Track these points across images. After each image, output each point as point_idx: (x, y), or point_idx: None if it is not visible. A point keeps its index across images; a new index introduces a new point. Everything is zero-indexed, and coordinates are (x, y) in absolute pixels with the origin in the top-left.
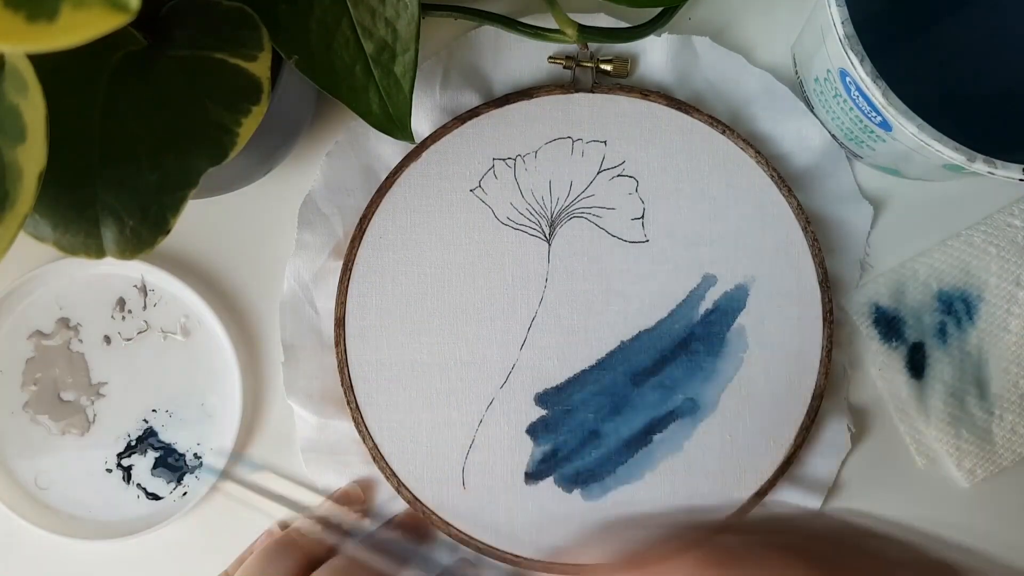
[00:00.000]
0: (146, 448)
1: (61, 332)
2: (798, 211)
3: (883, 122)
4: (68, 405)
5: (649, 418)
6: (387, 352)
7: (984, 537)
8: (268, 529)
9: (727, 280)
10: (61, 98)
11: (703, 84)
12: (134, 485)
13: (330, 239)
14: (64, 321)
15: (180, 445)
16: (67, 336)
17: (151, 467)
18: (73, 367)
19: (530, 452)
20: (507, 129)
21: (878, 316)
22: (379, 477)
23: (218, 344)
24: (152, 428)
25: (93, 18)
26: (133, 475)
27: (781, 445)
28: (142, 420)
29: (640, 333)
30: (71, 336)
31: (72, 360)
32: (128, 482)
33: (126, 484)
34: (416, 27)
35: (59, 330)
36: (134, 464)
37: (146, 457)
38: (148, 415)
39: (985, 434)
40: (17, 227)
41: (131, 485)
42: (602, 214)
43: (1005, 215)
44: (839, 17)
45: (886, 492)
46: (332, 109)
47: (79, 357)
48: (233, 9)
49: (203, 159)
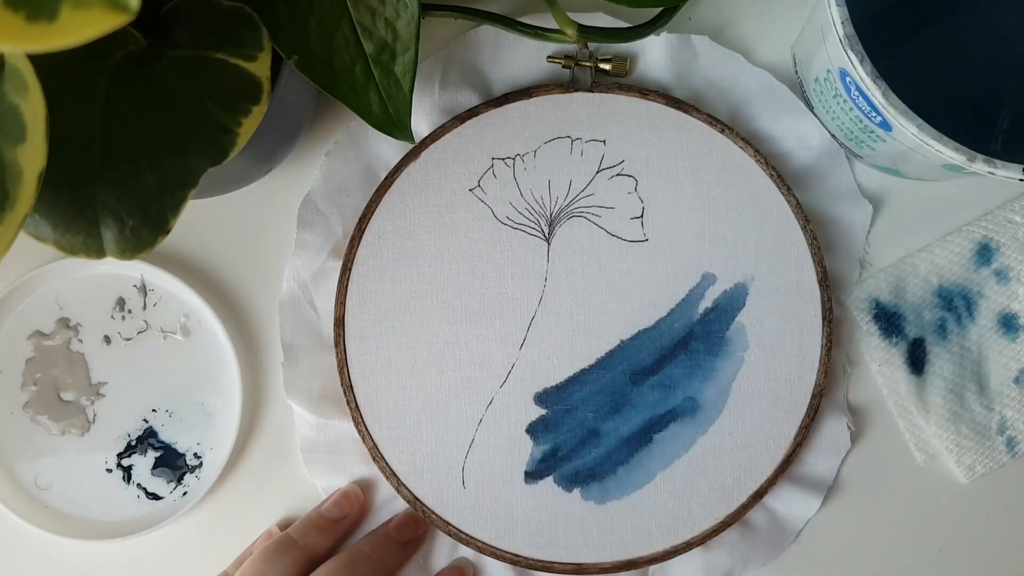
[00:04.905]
0: (146, 448)
1: (61, 332)
2: (797, 210)
3: (883, 122)
4: (68, 405)
5: (649, 417)
6: (387, 352)
7: (983, 533)
8: (268, 529)
9: (726, 279)
10: (61, 98)
11: (702, 83)
12: (134, 485)
13: (329, 239)
14: (64, 321)
15: (180, 445)
16: (67, 336)
17: (151, 467)
18: (73, 367)
19: (530, 451)
20: (506, 129)
21: (878, 312)
22: (379, 477)
23: (218, 344)
24: (152, 428)
25: (93, 18)
26: (133, 475)
27: (781, 443)
28: (142, 420)
29: (640, 332)
30: (71, 336)
31: (72, 360)
32: (128, 482)
33: (126, 484)
34: (416, 27)
35: (59, 330)
36: (134, 464)
37: (146, 457)
38: (148, 415)
39: (984, 430)
40: (17, 227)
41: (131, 485)
42: (601, 213)
43: (1006, 211)
44: (839, 17)
45: (886, 489)
46: (332, 109)
47: (79, 357)
48: (233, 9)
49: (203, 159)
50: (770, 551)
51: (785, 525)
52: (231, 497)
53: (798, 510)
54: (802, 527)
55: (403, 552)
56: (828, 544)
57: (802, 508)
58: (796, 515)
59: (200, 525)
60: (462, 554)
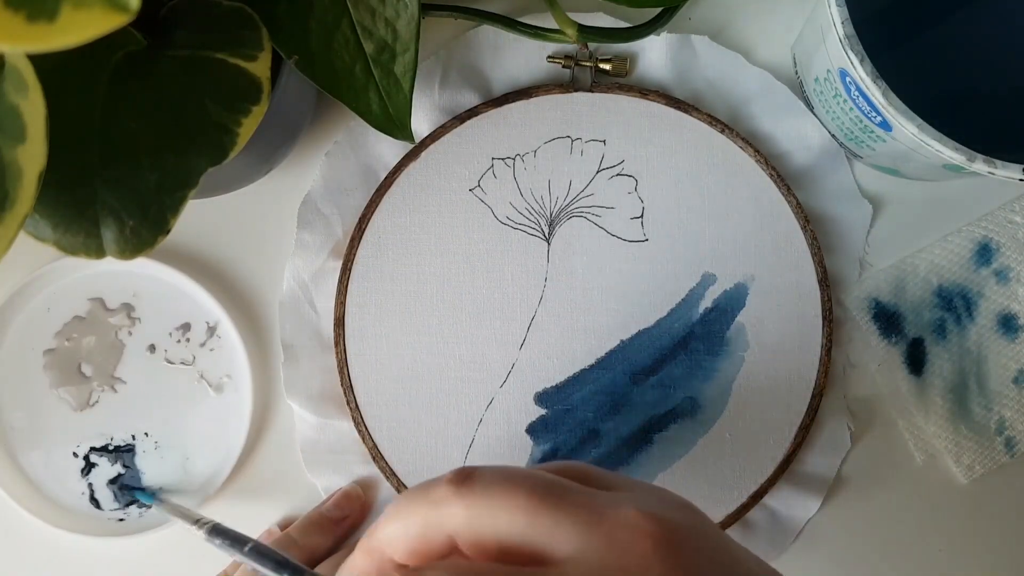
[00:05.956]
0: (117, 459)
1: (120, 315)
2: (797, 210)
3: (883, 122)
4: (81, 377)
5: (649, 417)
6: (387, 352)
7: (982, 533)
8: (268, 529)
9: (726, 279)
10: (61, 98)
11: (702, 83)
12: (86, 482)
13: (329, 239)
14: (129, 307)
15: (146, 478)
16: (123, 322)
17: (109, 478)
18: (108, 349)
19: (530, 451)
20: (506, 128)
21: (878, 311)
22: (379, 477)
23: (240, 412)
24: (134, 447)
25: (93, 18)
26: (91, 473)
27: (781, 443)
28: (131, 435)
29: (640, 332)
30: (126, 324)
31: (112, 344)
32: (84, 475)
33: (80, 476)
34: (416, 27)
35: (120, 311)
36: (98, 465)
37: (111, 467)
38: (138, 434)
39: (984, 430)
40: (17, 227)
41: (83, 479)
42: (601, 213)
43: (1006, 211)
44: (839, 17)
45: (885, 489)
46: (332, 109)
47: (119, 345)
48: (233, 9)
49: (203, 159)
50: (770, 551)
51: (785, 525)
52: (231, 497)
53: (798, 510)
54: (802, 527)
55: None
56: (828, 544)
57: (802, 508)
58: (796, 515)
59: None
60: None
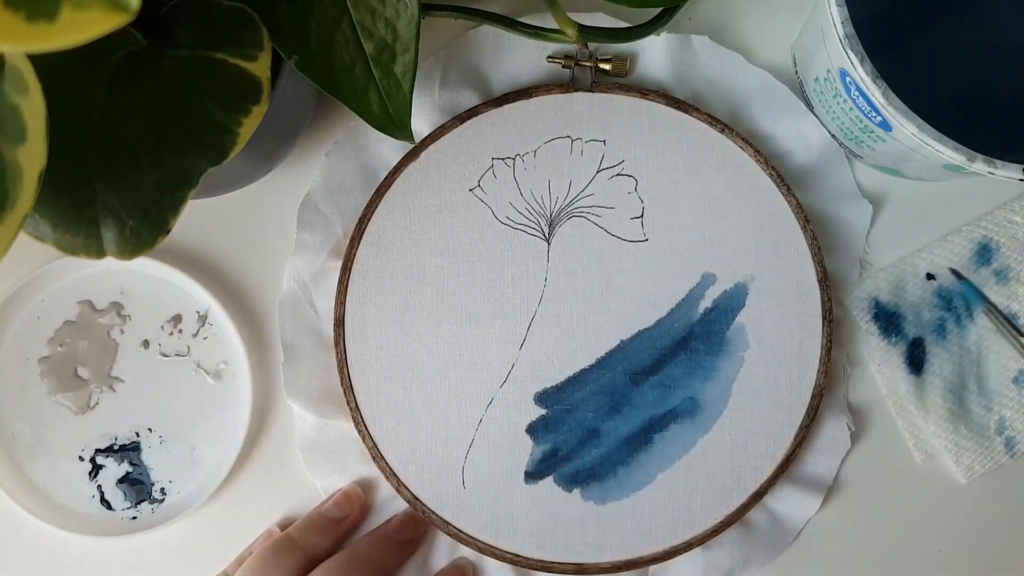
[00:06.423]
0: (123, 459)
1: (110, 314)
2: (797, 210)
3: (883, 122)
4: (78, 381)
5: (649, 417)
6: (387, 352)
7: (982, 533)
8: (268, 529)
9: (726, 279)
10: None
11: (702, 83)
12: (95, 484)
13: (329, 239)
14: (118, 306)
15: (154, 474)
16: (114, 320)
17: (118, 478)
18: (102, 350)
19: (530, 451)
20: (506, 128)
21: (878, 311)
22: (379, 477)
23: (240, 397)
24: (139, 444)
25: (93, 18)
26: (99, 476)
27: (781, 443)
28: (134, 432)
29: (640, 332)
30: (117, 322)
31: (105, 344)
32: (92, 478)
33: (89, 479)
34: (416, 27)
35: (110, 311)
36: (105, 467)
37: (119, 467)
38: (142, 431)
39: (983, 430)
40: (17, 227)
41: (93, 482)
42: (601, 213)
43: (1006, 211)
44: (839, 17)
45: (885, 489)
46: (332, 109)
47: (113, 344)
48: (233, 9)
49: (203, 159)
50: (770, 551)
51: (785, 525)
52: (232, 497)
53: (798, 510)
54: (802, 527)
55: (403, 552)
56: (828, 544)
57: (802, 508)
58: (796, 515)
59: (200, 525)
60: (462, 554)
